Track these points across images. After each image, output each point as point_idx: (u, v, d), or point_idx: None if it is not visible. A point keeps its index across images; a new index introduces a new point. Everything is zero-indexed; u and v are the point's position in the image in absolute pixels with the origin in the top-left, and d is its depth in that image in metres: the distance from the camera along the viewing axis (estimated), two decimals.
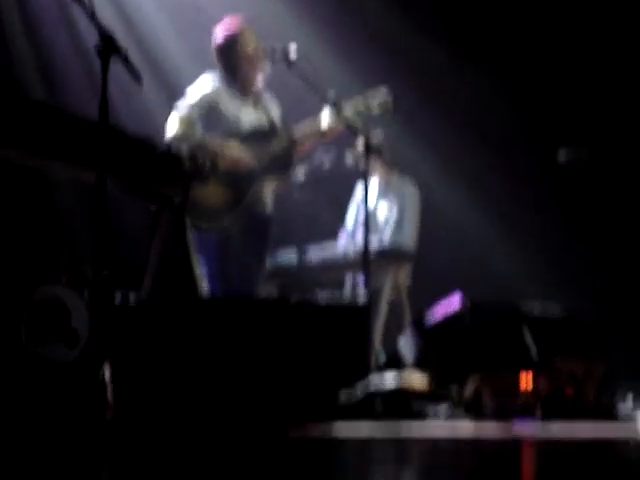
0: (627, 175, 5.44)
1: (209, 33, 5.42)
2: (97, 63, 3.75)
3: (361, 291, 4.84)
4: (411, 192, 6.68)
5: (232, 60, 5.31)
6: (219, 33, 5.37)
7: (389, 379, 4.03)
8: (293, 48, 5.03)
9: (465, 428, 3.87)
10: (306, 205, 6.38)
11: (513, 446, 3.45)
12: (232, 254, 5.19)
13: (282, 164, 5.26)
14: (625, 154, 5.64)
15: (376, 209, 6.65)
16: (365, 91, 5.36)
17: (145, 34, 6.86)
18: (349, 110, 5.19)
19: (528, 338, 4.49)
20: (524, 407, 4.03)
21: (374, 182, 6.65)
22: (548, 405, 3.98)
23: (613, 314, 6.04)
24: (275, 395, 3.94)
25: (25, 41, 6.71)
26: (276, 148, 5.23)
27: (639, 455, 3.26)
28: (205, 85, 5.31)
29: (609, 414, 4.17)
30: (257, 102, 5.38)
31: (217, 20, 5.45)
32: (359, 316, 4.23)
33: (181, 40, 6.92)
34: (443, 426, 3.90)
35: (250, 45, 5.29)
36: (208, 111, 5.24)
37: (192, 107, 5.22)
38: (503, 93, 7.36)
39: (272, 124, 5.33)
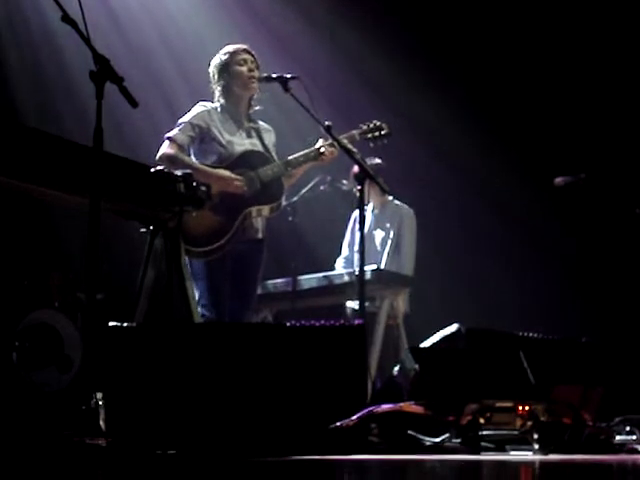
0: (623, 201, 5.41)
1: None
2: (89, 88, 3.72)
3: (357, 315, 4.80)
4: (408, 216, 6.64)
5: (225, 78, 5.26)
6: (216, 54, 5.34)
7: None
8: (291, 76, 5.00)
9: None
10: (301, 228, 6.34)
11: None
12: (223, 280, 5.15)
13: (273, 190, 5.21)
14: (622, 181, 5.63)
15: (373, 234, 6.61)
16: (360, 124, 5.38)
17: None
18: (345, 138, 5.18)
19: (525, 364, 4.45)
20: (521, 438, 3.98)
21: (370, 207, 6.62)
22: (546, 436, 3.93)
23: (612, 340, 6.01)
24: (267, 422, 3.90)
25: (20, 66, 6.71)
26: (268, 173, 5.18)
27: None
28: (198, 108, 5.28)
29: (607, 445, 4.13)
30: (251, 128, 5.33)
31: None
32: (354, 336, 4.16)
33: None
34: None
35: (245, 66, 5.24)
36: (199, 133, 5.19)
37: (184, 127, 5.18)
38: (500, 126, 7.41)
39: (265, 150, 5.30)
